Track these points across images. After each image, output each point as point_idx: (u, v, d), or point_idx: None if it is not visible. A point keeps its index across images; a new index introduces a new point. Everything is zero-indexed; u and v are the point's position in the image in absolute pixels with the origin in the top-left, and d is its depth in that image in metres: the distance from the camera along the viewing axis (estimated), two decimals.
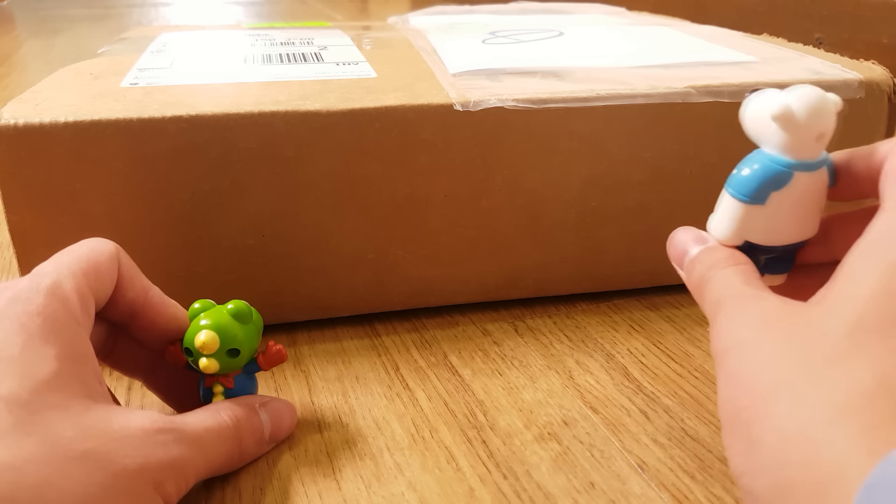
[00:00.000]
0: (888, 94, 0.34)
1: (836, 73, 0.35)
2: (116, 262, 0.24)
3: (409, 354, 0.32)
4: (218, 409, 0.24)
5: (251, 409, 0.25)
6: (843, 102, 0.23)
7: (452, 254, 0.33)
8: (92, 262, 0.23)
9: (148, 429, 0.20)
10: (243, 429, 0.24)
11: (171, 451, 0.21)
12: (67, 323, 0.21)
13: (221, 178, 0.30)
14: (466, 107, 0.31)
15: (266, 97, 0.31)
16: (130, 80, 0.33)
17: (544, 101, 0.32)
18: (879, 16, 0.68)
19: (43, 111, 0.28)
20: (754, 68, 0.36)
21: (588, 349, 0.32)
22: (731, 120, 0.33)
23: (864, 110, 0.34)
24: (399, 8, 1.15)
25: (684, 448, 0.26)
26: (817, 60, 0.37)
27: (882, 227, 0.19)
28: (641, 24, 0.50)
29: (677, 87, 0.33)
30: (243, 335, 0.25)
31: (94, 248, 0.24)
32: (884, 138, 0.35)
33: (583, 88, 0.32)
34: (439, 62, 0.37)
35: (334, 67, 0.36)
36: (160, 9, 1.59)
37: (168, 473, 0.20)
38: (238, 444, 0.24)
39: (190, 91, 0.32)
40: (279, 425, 0.26)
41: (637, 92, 0.32)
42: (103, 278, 0.23)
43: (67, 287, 0.22)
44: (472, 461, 0.26)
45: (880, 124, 0.35)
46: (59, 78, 0.34)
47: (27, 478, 0.18)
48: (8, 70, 0.91)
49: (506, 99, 0.31)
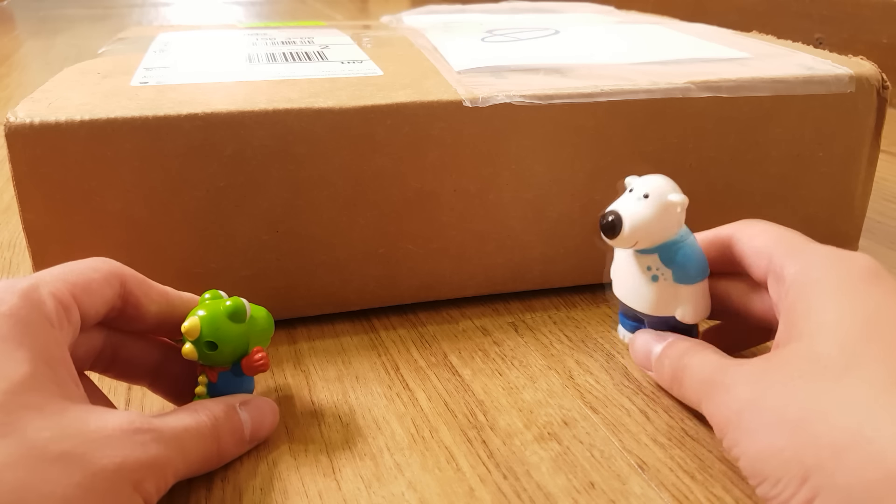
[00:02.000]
0: (877, 89, 0.36)
1: (826, 69, 0.36)
2: (117, 281, 0.24)
3: (409, 354, 0.32)
4: (196, 409, 0.24)
5: (231, 408, 0.25)
6: None
7: (461, 247, 0.34)
8: (82, 275, 0.23)
9: (125, 428, 0.20)
10: (222, 428, 0.24)
11: (149, 450, 0.20)
12: (41, 325, 0.21)
13: (236, 175, 0.30)
14: (475, 103, 0.32)
15: (278, 95, 0.31)
16: (140, 79, 0.33)
17: (550, 97, 0.32)
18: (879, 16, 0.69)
19: (57, 110, 0.29)
20: (749, 64, 0.37)
21: (588, 349, 0.32)
22: (729, 114, 0.35)
23: (855, 105, 0.36)
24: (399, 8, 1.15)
25: (684, 448, 0.26)
26: (808, 56, 0.38)
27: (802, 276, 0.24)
28: (633, 22, 0.51)
29: (677, 82, 0.34)
30: (228, 332, 0.25)
31: (91, 265, 0.24)
32: (872, 132, 0.37)
33: (587, 84, 0.33)
34: (442, 60, 0.38)
35: (339, 66, 0.37)
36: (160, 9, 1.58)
37: (147, 472, 0.20)
38: (217, 443, 0.24)
39: (201, 89, 0.32)
40: (260, 424, 0.26)
41: (639, 87, 0.33)
42: (93, 293, 0.23)
43: (45, 291, 0.22)
44: (472, 461, 0.26)
45: (869, 118, 0.36)
46: (66, 77, 0.34)
47: (4, 481, 0.17)
48: (8, 70, 0.91)
49: (513, 95, 0.32)
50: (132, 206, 0.30)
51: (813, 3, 0.77)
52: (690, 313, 0.28)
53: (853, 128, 0.36)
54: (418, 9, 0.59)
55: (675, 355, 0.27)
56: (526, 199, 0.34)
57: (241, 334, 0.25)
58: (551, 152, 0.33)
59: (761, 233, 0.26)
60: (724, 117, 0.35)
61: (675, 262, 0.27)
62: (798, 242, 0.25)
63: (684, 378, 0.26)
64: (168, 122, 0.29)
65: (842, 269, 0.23)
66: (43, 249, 0.30)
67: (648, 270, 0.28)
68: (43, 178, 0.29)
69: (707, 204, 0.36)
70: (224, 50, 0.41)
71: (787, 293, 0.24)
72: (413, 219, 0.33)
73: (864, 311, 0.22)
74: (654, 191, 0.27)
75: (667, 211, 0.26)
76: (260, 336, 0.26)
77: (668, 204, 0.26)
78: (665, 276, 0.27)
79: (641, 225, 0.26)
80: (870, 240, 0.43)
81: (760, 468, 0.21)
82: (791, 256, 0.24)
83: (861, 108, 0.36)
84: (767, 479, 0.20)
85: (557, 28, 0.46)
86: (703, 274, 0.28)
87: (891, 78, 0.36)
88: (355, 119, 0.31)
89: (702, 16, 0.59)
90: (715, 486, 0.24)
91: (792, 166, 0.36)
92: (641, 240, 0.27)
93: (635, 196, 0.27)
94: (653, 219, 0.26)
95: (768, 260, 0.25)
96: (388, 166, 0.32)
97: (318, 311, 0.34)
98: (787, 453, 0.20)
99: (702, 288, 0.28)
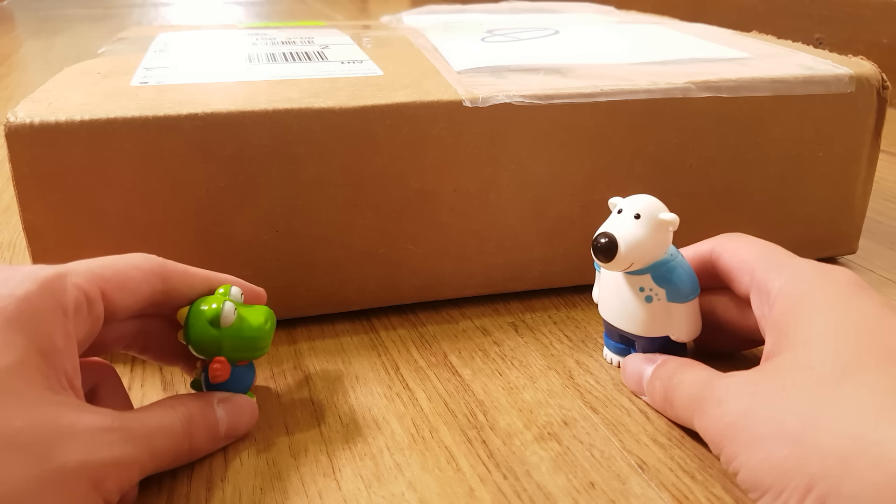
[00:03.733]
0: (877, 89, 0.36)
1: (827, 69, 0.36)
2: (157, 279, 0.25)
3: (409, 354, 0.32)
4: (173, 404, 0.24)
5: (207, 405, 0.25)
6: None
7: (461, 247, 0.34)
8: (119, 272, 0.24)
9: (96, 427, 0.20)
10: (196, 425, 0.24)
11: (116, 450, 0.21)
12: (51, 314, 0.21)
13: (236, 175, 0.30)
14: (475, 103, 0.32)
15: (278, 95, 0.31)
16: (140, 79, 0.33)
17: (550, 97, 0.32)
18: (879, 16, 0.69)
19: (57, 110, 0.29)
20: (749, 64, 0.37)
21: (588, 349, 0.32)
22: (729, 114, 0.35)
23: (855, 104, 0.36)
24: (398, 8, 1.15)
25: (684, 448, 0.26)
26: (808, 56, 0.38)
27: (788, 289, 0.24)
28: (632, 22, 0.51)
29: (677, 82, 0.34)
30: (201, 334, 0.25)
31: (131, 261, 0.25)
32: (872, 132, 0.37)
33: (587, 84, 0.33)
34: (442, 60, 0.38)
35: (339, 66, 0.37)
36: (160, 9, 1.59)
37: (110, 471, 0.20)
38: (188, 440, 0.24)
39: (202, 90, 0.32)
40: (236, 422, 0.26)
41: (639, 87, 0.33)
42: (127, 290, 0.24)
43: (70, 281, 0.22)
44: (472, 461, 0.26)
45: (869, 118, 0.36)
46: (67, 77, 0.34)
47: None
48: (8, 70, 0.91)
49: (513, 95, 0.32)
50: (132, 205, 0.30)
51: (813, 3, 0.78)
52: (685, 332, 0.28)
53: (853, 128, 0.36)
54: (418, 9, 0.59)
55: (665, 375, 0.27)
56: (526, 199, 0.34)
57: (212, 340, 0.25)
58: (551, 152, 0.33)
59: (743, 247, 0.27)
60: (724, 117, 0.35)
61: (671, 281, 0.27)
62: (780, 256, 0.26)
63: (675, 397, 0.26)
64: (168, 122, 0.29)
65: (827, 281, 0.24)
66: (43, 249, 0.30)
67: (641, 292, 0.28)
68: (43, 178, 0.29)
69: (707, 204, 0.36)
70: (224, 50, 0.41)
71: (773, 306, 0.24)
72: (413, 219, 0.33)
73: (855, 321, 0.22)
74: (644, 210, 0.26)
75: (660, 230, 0.26)
76: (237, 345, 0.26)
77: (660, 223, 0.26)
78: (659, 297, 0.27)
79: (636, 246, 0.26)
80: (870, 240, 0.43)
81: (761, 479, 0.20)
82: (774, 270, 0.25)
83: (861, 108, 0.36)
84: (770, 491, 0.20)
85: (557, 28, 0.46)
86: (695, 292, 0.28)
87: (891, 78, 0.36)
88: (355, 119, 0.31)
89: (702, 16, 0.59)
90: (715, 486, 0.24)
91: (792, 166, 0.36)
92: (637, 261, 0.27)
93: (625, 217, 0.27)
94: (647, 239, 0.26)
95: (751, 274, 0.26)
96: (387, 166, 0.32)
97: (318, 311, 0.34)
98: (790, 463, 0.19)
99: (693, 306, 0.28)
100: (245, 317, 0.26)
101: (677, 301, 0.27)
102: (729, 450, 0.22)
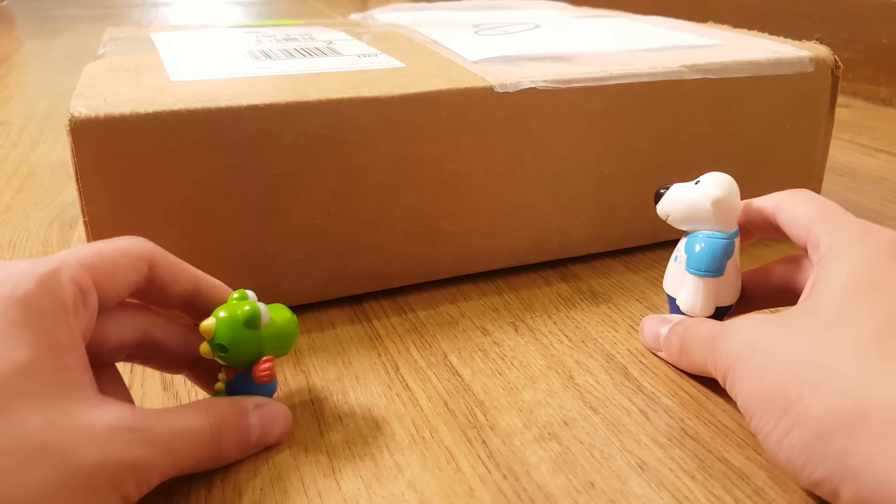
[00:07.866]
0: (831, 69, 0.41)
1: (790, 52, 0.41)
2: (144, 265, 0.24)
3: (409, 354, 0.32)
4: (205, 408, 0.24)
5: (241, 410, 0.25)
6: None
7: (490, 224, 0.37)
8: (109, 259, 0.23)
9: (115, 426, 0.20)
10: (226, 430, 0.24)
11: (135, 451, 0.20)
12: (54, 311, 0.21)
13: (293, 163, 0.32)
14: (505, 88, 0.34)
15: (323, 86, 0.33)
16: (177, 75, 0.34)
17: (568, 81, 0.36)
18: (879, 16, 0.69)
19: (118, 104, 0.29)
20: (724, 49, 0.42)
21: (588, 349, 0.32)
22: (715, 93, 0.39)
23: (815, 82, 0.41)
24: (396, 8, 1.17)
25: (684, 448, 0.26)
26: (770, 41, 0.44)
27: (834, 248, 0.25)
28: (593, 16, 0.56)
29: (672, 66, 0.38)
30: (241, 337, 0.25)
31: (120, 247, 0.24)
32: (828, 106, 0.42)
33: (597, 70, 0.37)
34: (451, 52, 0.41)
35: (357, 59, 0.39)
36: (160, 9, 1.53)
37: (128, 473, 0.20)
38: (216, 445, 0.24)
39: (248, 83, 0.33)
40: (269, 430, 0.26)
41: (642, 71, 0.37)
42: (116, 277, 0.23)
43: (65, 276, 0.22)
44: (472, 461, 0.26)
45: (825, 94, 0.42)
46: (100, 75, 0.34)
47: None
48: (8, 70, 0.88)
49: (537, 80, 0.35)
50: (194, 195, 0.31)
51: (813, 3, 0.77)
52: (687, 301, 0.30)
53: (813, 103, 0.42)
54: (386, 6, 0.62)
55: (681, 330, 0.29)
56: (546, 176, 0.37)
57: (254, 341, 0.25)
58: (569, 132, 0.37)
59: (802, 203, 0.28)
60: (711, 97, 0.39)
61: (692, 251, 0.30)
62: (835, 215, 0.27)
63: (691, 345, 0.28)
64: (230, 112, 0.30)
65: (867, 239, 0.25)
66: None
67: (677, 251, 0.31)
68: (107, 171, 0.29)
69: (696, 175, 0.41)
70: (231, 47, 0.42)
71: (819, 262, 0.26)
72: (448, 198, 0.35)
73: (871, 275, 0.24)
74: (705, 181, 0.29)
75: (698, 200, 0.29)
76: (276, 343, 0.26)
77: (703, 195, 0.29)
78: (681, 260, 0.30)
79: (671, 202, 0.30)
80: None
81: (750, 403, 0.23)
82: (827, 229, 0.26)
83: (819, 86, 0.41)
84: (756, 414, 0.23)
85: (536, 23, 0.50)
86: (708, 272, 0.29)
87: (891, 77, 0.41)
88: (399, 106, 0.33)
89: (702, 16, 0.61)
90: (715, 486, 0.24)
91: (765, 138, 0.41)
92: (672, 215, 0.30)
93: (693, 182, 0.30)
94: (683, 202, 0.30)
95: (807, 230, 0.27)
96: (427, 150, 0.34)
97: (363, 290, 0.36)
98: (773, 389, 0.22)
99: (705, 284, 0.29)
100: (272, 314, 0.26)
101: (689, 270, 0.30)
102: (731, 378, 0.24)
